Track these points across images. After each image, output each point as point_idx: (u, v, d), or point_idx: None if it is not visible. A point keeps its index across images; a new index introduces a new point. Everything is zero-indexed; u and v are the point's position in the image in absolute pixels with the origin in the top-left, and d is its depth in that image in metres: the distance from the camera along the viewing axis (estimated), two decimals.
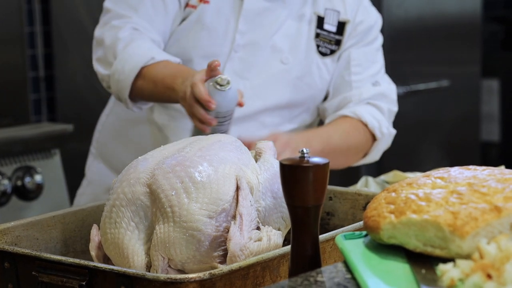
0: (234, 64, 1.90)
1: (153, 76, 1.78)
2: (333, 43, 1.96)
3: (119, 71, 1.81)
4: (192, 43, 1.88)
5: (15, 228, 1.41)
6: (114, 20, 1.85)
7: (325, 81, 1.98)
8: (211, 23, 1.88)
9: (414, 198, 1.06)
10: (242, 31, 1.89)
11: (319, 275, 1.03)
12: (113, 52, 1.82)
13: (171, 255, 1.28)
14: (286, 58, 1.93)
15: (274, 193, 1.39)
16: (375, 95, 1.99)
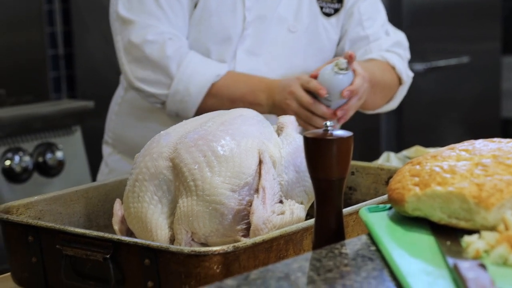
0: (245, 42, 1.88)
1: (229, 95, 1.82)
2: (335, 1, 1.96)
3: (181, 92, 1.82)
4: (205, 32, 1.86)
5: (38, 203, 1.42)
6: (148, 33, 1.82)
7: (333, 41, 1.98)
8: (218, 7, 1.86)
9: (439, 171, 1.05)
10: (249, 7, 1.88)
11: (344, 247, 1.03)
12: (166, 73, 1.82)
13: (194, 228, 1.28)
14: (293, 26, 1.92)
15: (297, 167, 1.39)
16: (392, 44, 2.01)
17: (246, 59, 1.88)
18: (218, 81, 1.82)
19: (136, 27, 1.84)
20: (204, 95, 1.81)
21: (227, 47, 1.87)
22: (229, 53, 1.88)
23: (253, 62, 1.88)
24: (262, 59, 1.90)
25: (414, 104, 3.48)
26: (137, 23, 1.83)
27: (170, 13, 1.84)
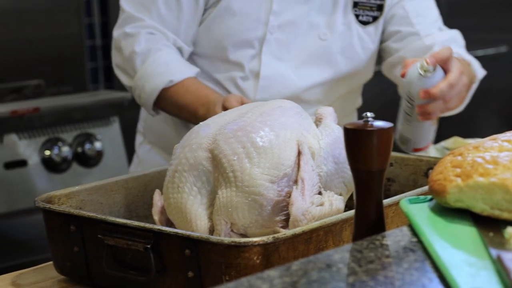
0: (271, 46, 1.85)
1: (175, 102, 1.80)
2: (374, 9, 1.88)
3: (139, 88, 1.82)
4: (225, 31, 1.84)
5: (79, 192, 1.43)
6: (128, 26, 1.83)
7: (368, 51, 1.91)
8: (242, 8, 1.82)
9: (481, 161, 1.04)
10: (276, 12, 1.83)
11: (385, 238, 1.03)
12: (131, 66, 1.83)
13: (234, 219, 1.29)
14: (324, 34, 1.87)
15: (336, 158, 1.38)
16: (448, 39, 1.88)
17: (272, 64, 1.85)
18: (170, 87, 1.79)
19: (124, 17, 1.86)
20: (155, 96, 1.80)
21: (245, 50, 1.84)
22: (247, 55, 1.85)
23: (279, 67, 1.85)
24: (290, 65, 1.86)
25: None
26: (126, 13, 1.85)
27: (162, 8, 1.82)
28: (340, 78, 1.91)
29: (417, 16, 1.89)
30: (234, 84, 1.87)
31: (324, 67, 1.88)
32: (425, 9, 1.91)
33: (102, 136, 2.80)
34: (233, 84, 1.87)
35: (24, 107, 2.65)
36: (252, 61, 1.85)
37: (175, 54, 1.84)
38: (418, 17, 1.89)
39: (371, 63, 1.96)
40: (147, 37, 1.82)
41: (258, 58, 1.85)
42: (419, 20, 1.89)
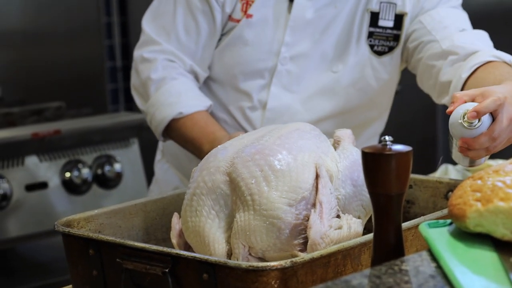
0: (282, 77, 1.82)
1: (183, 134, 1.80)
2: (390, 39, 1.84)
3: (150, 114, 1.83)
4: (236, 60, 1.83)
5: (98, 216, 1.44)
6: (146, 49, 1.84)
7: (382, 81, 1.86)
8: (255, 38, 1.81)
9: (502, 186, 1.03)
10: (288, 43, 1.81)
11: (404, 263, 1.02)
12: (146, 92, 1.84)
13: (252, 243, 1.28)
14: (336, 66, 1.83)
15: (354, 181, 1.38)
16: (470, 39, 1.76)
17: (280, 95, 1.83)
18: (179, 118, 1.79)
19: (143, 39, 1.86)
20: (164, 126, 1.81)
21: (256, 80, 1.83)
22: (257, 85, 1.83)
23: (287, 98, 1.83)
24: (298, 97, 1.84)
25: None
26: (146, 35, 1.86)
27: (181, 33, 1.82)
28: (351, 110, 1.87)
29: (433, 24, 1.80)
30: (242, 113, 1.86)
31: (334, 100, 1.85)
32: (442, 16, 1.82)
33: (122, 158, 2.81)
34: (241, 113, 1.86)
35: (45, 129, 2.67)
36: (261, 92, 1.84)
37: (190, 84, 1.84)
38: (435, 24, 1.80)
39: (387, 93, 1.91)
40: (164, 64, 1.83)
41: (268, 89, 1.84)
42: (435, 26, 1.80)
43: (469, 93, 1.41)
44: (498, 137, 1.38)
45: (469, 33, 1.79)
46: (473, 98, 1.40)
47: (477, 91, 1.42)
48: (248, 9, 1.80)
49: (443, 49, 1.76)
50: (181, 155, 1.96)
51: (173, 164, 2.02)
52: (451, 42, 1.76)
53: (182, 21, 1.82)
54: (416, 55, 1.83)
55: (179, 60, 1.84)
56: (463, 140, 1.38)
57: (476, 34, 1.80)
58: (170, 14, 1.83)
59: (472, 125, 1.36)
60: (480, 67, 1.68)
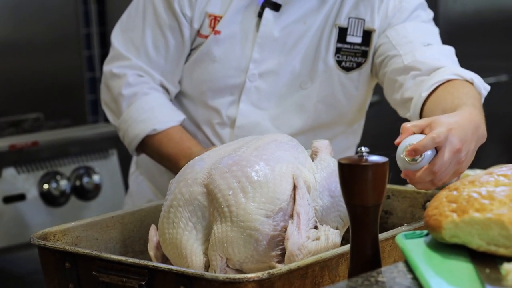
0: (251, 94, 1.81)
1: (158, 150, 1.79)
2: (358, 55, 1.82)
3: (123, 130, 1.82)
4: (204, 76, 1.82)
5: (75, 229, 1.43)
6: (116, 64, 1.83)
7: (351, 97, 1.85)
8: (223, 55, 1.80)
9: (477, 197, 1.04)
10: (256, 60, 1.80)
11: (380, 275, 1.02)
12: (118, 108, 1.83)
13: (229, 254, 1.28)
14: (305, 83, 1.82)
15: (331, 191, 1.38)
16: (435, 54, 1.74)
17: (249, 112, 1.82)
18: (154, 135, 1.78)
19: (112, 54, 1.86)
20: (137, 142, 1.80)
21: (224, 96, 1.82)
22: (227, 101, 1.82)
23: (256, 115, 1.82)
24: (267, 114, 1.83)
25: None
26: (115, 50, 1.85)
27: (150, 48, 1.81)
28: (321, 125, 1.86)
29: (398, 38, 1.79)
30: (212, 129, 1.85)
31: (304, 116, 1.84)
32: (408, 30, 1.80)
33: (101, 169, 2.80)
34: (211, 129, 1.85)
35: (23, 141, 2.65)
36: (230, 108, 1.83)
37: (162, 98, 1.83)
38: (399, 39, 1.78)
39: (358, 109, 1.90)
40: (135, 79, 1.82)
41: (236, 106, 1.83)
42: (399, 41, 1.78)
43: (418, 124, 1.39)
44: (439, 171, 1.34)
45: (433, 48, 1.77)
46: (422, 129, 1.39)
47: (426, 121, 1.40)
48: (216, 25, 1.79)
49: (405, 64, 1.75)
50: (154, 168, 1.94)
51: (147, 177, 2.01)
52: (413, 57, 1.74)
53: (151, 37, 1.82)
54: (382, 70, 1.82)
55: (148, 76, 1.83)
56: (405, 173, 1.37)
57: (441, 49, 1.78)
58: (139, 29, 1.83)
59: (413, 160, 1.34)
60: (441, 86, 1.66)
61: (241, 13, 1.79)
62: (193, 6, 1.79)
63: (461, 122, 1.41)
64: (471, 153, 1.42)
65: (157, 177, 1.95)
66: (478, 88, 1.67)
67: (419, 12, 1.84)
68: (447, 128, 1.36)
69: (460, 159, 1.37)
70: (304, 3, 1.80)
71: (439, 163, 1.34)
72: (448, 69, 1.68)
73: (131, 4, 1.88)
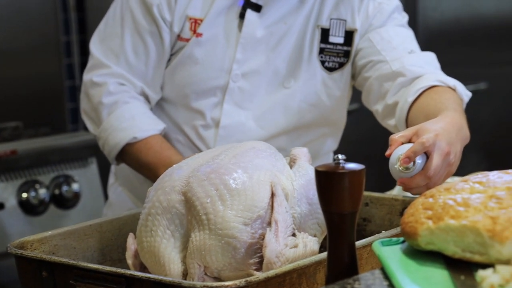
0: (234, 95, 1.83)
1: (137, 159, 1.79)
2: (341, 55, 1.84)
3: (103, 139, 1.82)
4: (187, 79, 1.82)
5: (52, 237, 1.42)
6: (96, 73, 1.82)
7: (334, 97, 1.87)
8: (206, 57, 1.81)
9: (452, 204, 1.04)
10: (239, 61, 1.81)
11: (356, 282, 1.02)
12: (98, 116, 1.83)
13: (207, 262, 1.28)
14: (288, 82, 1.84)
15: (310, 199, 1.38)
16: (419, 61, 1.79)
17: (233, 112, 1.83)
18: (134, 143, 1.79)
19: (92, 63, 1.85)
20: (118, 151, 1.80)
21: (208, 98, 1.83)
22: (210, 103, 1.83)
23: (240, 115, 1.83)
24: (251, 114, 1.84)
25: None
26: (95, 58, 1.85)
27: (130, 55, 1.82)
28: (305, 126, 1.88)
29: (383, 43, 1.82)
30: (195, 132, 1.85)
31: (287, 115, 1.85)
32: (391, 35, 1.84)
33: (80, 178, 2.78)
34: (194, 132, 1.86)
35: (2, 149, 2.64)
36: (214, 110, 1.84)
37: (142, 107, 1.83)
38: (384, 44, 1.82)
39: (340, 110, 1.92)
40: (116, 88, 1.81)
41: (220, 107, 1.84)
42: (384, 46, 1.82)
43: (405, 134, 1.45)
44: (433, 175, 1.41)
45: (418, 56, 1.82)
46: (409, 139, 1.45)
47: (412, 130, 1.46)
48: (197, 28, 1.80)
49: (393, 70, 1.78)
50: (133, 178, 1.94)
51: (126, 187, 2.01)
52: (401, 64, 1.78)
53: (131, 43, 1.82)
54: (364, 73, 1.84)
55: (129, 83, 1.83)
56: (400, 181, 1.43)
57: (425, 57, 1.83)
58: (117, 36, 1.83)
59: (406, 169, 1.41)
60: (425, 92, 1.71)
61: (222, 15, 1.81)
62: (173, 10, 1.80)
63: (445, 127, 1.47)
64: (458, 154, 1.49)
65: (137, 187, 1.95)
66: (460, 94, 1.73)
67: (396, 15, 1.88)
68: (434, 133, 1.43)
69: (450, 161, 1.44)
70: (283, 4, 1.82)
71: (432, 167, 1.41)
72: (431, 76, 1.74)
73: (108, 13, 1.88)
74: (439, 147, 1.42)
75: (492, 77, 3.69)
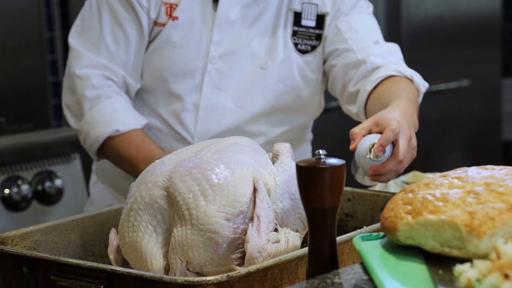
0: (213, 77, 1.85)
1: (118, 152, 1.80)
2: (313, 38, 1.89)
3: (85, 133, 1.82)
4: (166, 63, 1.84)
5: (34, 233, 1.42)
6: (78, 65, 1.82)
7: (308, 80, 1.90)
8: (183, 40, 1.83)
9: (431, 199, 1.05)
10: (216, 42, 1.84)
11: (336, 276, 1.03)
12: (80, 110, 1.83)
13: (189, 258, 1.28)
14: (265, 63, 1.87)
15: (292, 194, 1.38)
16: (383, 52, 1.85)
17: (212, 94, 1.85)
18: (115, 136, 1.80)
19: (73, 55, 1.86)
20: (99, 144, 1.81)
21: (187, 81, 1.84)
22: (189, 87, 1.85)
23: (219, 97, 1.85)
24: (230, 95, 1.86)
25: None
26: (75, 51, 1.85)
27: (110, 44, 1.83)
28: (283, 108, 1.90)
29: (350, 32, 1.87)
30: (175, 117, 1.87)
31: (265, 95, 1.88)
32: (359, 24, 1.89)
33: (63, 174, 2.78)
34: (175, 117, 1.87)
35: None
36: (193, 93, 1.85)
37: (125, 102, 1.84)
38: (351, 33, 1.87)
39: (316, 96, 1.94)
40: (99, 81, 1.82)
41: (199, 90, 1.85)
42: (351, 35, 1.87)
43: (365, 126, 1.50)
44: (404, 159, 1.47)
45: (382, 46, 1.88)
46: (369, 130, 1.49)
47: (371, 122, 1.50)
48: (173, 12, 1.82)
49: (358, 59, 1.84)
50: (115, 173, 1.94)
51: (108, 184, 2.01)
52: (366, 53, 1.84)
53: (110, 33, 1.83)
54: (331, 61, 1.90)
55: (111, 72, 1.83)
56: (373, 169, 1.47)
57: (389, 47, 1.89)
58: (96, 28, 1.83)
59: (378, 157, 1.46)
60: (382, 81, 1.78)
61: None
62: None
63: (400, 114, 1.54)
64: (415, 139, 1.54)
65: (119, 182, 1.95)
66: (417, 84, 1.80)
67: (362, 3, 1.93)
68: (396, 120, 1.49)
69: (413, 144, 1.52)
70: None
71: (402, 151, 1.47)
72: (391, 66, 1.81)
73: (83, 8, 1.89)
74: (403, 132, 1.48)
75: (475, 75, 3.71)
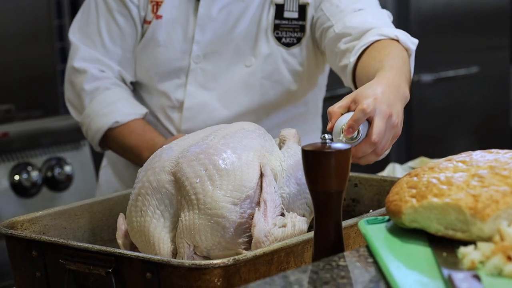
0: (197, 76, 1.85)
1: (120, 143, 1.82)
2: (297, 30, 1.85)
3: (86, 125, 1.85)
4: (151, 61, 1.85)
5: (43, 218, 1.43)
6: (76, 59, 1.85)
7: (296, 73, 1.87)
8: (167, 38, 1.83)
9: (436, 182, 1.06)
10: (199, 41, 1.83)
11: (341, 259, 1.03)
12: (80, 103, 1.86)
13: (197, 242, 1.29)
14: (249, 60, 1.85)
15: (298, 179, 1.39)
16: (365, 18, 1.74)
17: (196, 93, 1.85)
18: (116, 127, 1.82)
19: (72, 50, 1.88)
20: (100, 136, 1.83)
21: (172, 80, 1.85)
22: (174, 85, 1.85)
23: (204, 96, 1.85)
24: (215, 94, 1.86)
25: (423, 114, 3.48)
26: (74, 45, 1.88)
27: (106, 39, 1.85)
28: (271, 104, 1.89)
29: (331, 9, 1.80)
30: (163, 113, 1.88)
31: (250, 93, 1.86)
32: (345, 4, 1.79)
33: (72, 160, 2.80)
34: (162, 112, 1.88)
35: None
36: (178, 91, 1.86)
37: (124, 93, 1.85)
38: (332, 10, 1.80)
39: (309, 86, 1.92)
40: (96, 74, 1.84)
41: (184, 88, 1.86)
42: (332, 11, 1.79)
43: (342, 105, 1.38)
44: (379, 140, 1.34)
45: (364, 12, 1.76)
46: (348, 108, 1.38)
47: (349, 99, 1.39)
48: (157, 10, 1.83)
49: (336, 32, 1.76)
50: (118, 162, 1.96)
51: (113, 171, 2.03)
52: (343, 24, 1.75)
53: (106, 28, 1.85)
54: (322, 43, 1.84)
55: (107, 68, 1.85)
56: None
57: (373, 13, 1.77)
58: (93, 23, 1.86)
59: (352, 139, 1.33)
60: (367, 49, 1.66)
61: None
62: None
63: (382, 89, 1.39)
64: (401, 114, 1.41)
65: (122, 171, 1.97)
66: (405, 43, 1.65)
67: None
68: (373, 98, 1.36)
69: (393, 123, 1.37)
70: None
71: (376, 132, 1.34)
72: (374, 31, 1.68)
73: (84, 3, 1.92)
74: (380, 110, 1.35)
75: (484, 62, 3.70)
